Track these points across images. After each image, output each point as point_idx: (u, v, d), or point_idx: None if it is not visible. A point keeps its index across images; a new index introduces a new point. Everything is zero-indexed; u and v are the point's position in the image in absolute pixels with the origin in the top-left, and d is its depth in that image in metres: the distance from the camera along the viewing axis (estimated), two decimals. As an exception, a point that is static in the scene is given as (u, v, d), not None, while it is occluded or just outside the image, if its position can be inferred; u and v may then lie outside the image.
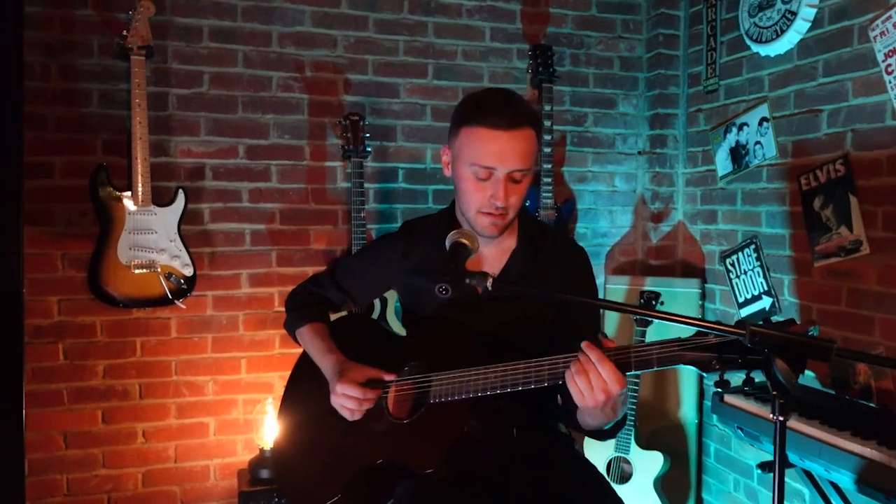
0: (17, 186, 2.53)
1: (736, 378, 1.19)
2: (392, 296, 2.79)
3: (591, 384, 1.27)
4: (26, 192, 2.64)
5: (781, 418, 1.05)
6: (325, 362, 1.63)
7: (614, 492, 1.55)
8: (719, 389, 1.12)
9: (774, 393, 1.05)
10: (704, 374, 1.19)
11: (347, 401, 1.50)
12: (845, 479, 2.00)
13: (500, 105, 1.47)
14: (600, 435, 1.53)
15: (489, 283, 1.29)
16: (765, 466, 2.27)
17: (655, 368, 1.26)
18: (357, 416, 1.52)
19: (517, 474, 1.54)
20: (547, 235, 1.66)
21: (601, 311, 1.70)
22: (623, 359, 1.29)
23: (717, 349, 1.16)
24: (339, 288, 1.78)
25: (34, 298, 2.67)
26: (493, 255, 1.62)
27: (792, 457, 2.20)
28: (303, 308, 1.78)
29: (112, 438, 2.78)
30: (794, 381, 1.02)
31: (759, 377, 1.14)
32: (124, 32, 2.63)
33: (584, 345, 1.29)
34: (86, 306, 2.71)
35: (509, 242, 1.61)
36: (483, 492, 1.51)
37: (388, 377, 1.53)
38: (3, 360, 2.35)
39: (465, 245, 1.40)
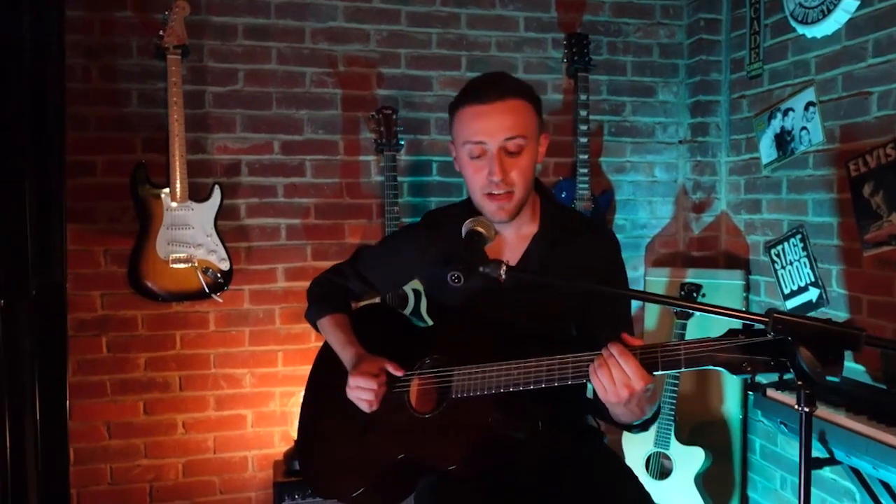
0: (59, 185, 2.61)
1: (768, 379, 1.13)
2: (426, 289, 2.78)
3: (613, 379, 1.24)
4: (70, 191, 2.72)
5: (807, 409, 0.99)
6: (345, 354, 1.62)
7: (643, 487, 1.50)
8: (750, 393, 1.06)
9: (800, 383, 1.00)
10: (734, 376, 1.14)
11: (362, 392, 1.49)
12: (894, 478, 1.90)
13: (484, 82, 1.50)
14: (630, 429, 1.49)
15: (503, 272, 1.26)
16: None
17: (684, 369, 1.21)
18: (374, 408, 1.51)
19: (542, 470, 1.50)
20: (572, 221, 1.62)
21: (638, 303, 1.64)
22: (650, 358, 1.25)
23: (747, 351, 1.10)
24: (360, 278, 1.77)
25: (78, 293, 2.75)
26: (514, 241, 1.59)
27: (838, 453, 2.11)
28: (324, 299, 1.78)
29: (153, 429, 2.85)
30: (818, 370, 0.96)
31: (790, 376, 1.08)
32: (161, 32, 2.69)
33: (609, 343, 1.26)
34: (127, 300, 2.78)
35: (530, 227, 1.58)
36: (507, 487, 1.49)
37: (398, 372, 1.51)
38: (48, 350, 2.43)
39: (480, 233, 1.38)
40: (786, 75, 2.84)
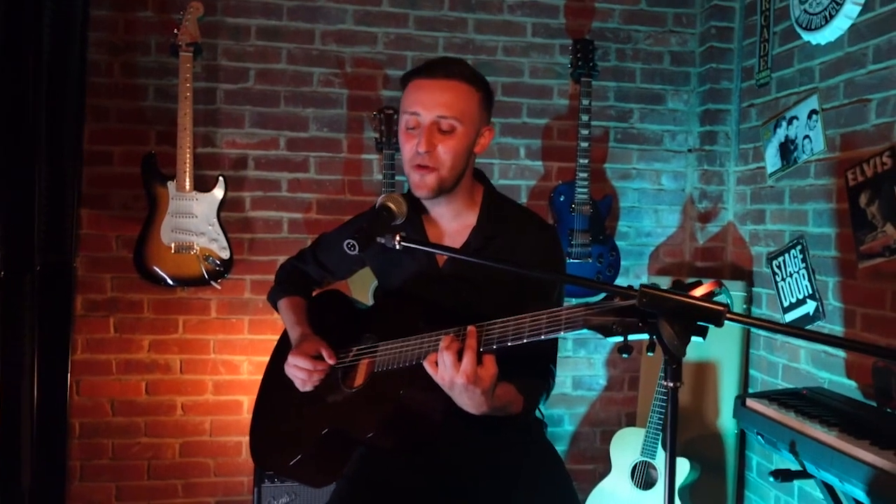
0: (75, 170, 2.79)
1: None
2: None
3: (436, 366, 1.31)
4: (88, 178, 2.91)
5: (671, 384, 0.99)
6: (293, 334, 1.70)
7: (568, 477, 1.50)
8: (625, 355, 1.07)
9: (666, 358, 1.00)
10: (606, 339, 1.14)
11: (297, 371, 1.55)
12: (858, 492, 1.83)
13: (438, 61, 1.55)
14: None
15: (397, 242, 1.30)
16: (779, 475, 2.12)
17: (563, 335, 1.22)
18: (308, 387, 1.57)
19: (464, 451, 1.52)
20: (512, 213, 1.64)
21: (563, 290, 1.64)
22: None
23: (618, 313, 1.11)
24: (318, 263, 1.84)
25: (91, 275, 2.91)
26: (454, 230, 1.62)
27: (809, 466, 2.04)
28: (285, 282, 1.86)
29: (154, 409, 2.97)
30: (676, 343, 0.96)
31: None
32: (175, 31, 2.83)
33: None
34: (135, 284, 2.92)
35: (470, 218, 1.61)
36: (431, 461, 1.52)
37: (331, 360, 1.56)
38: (51, 325, 2.58)
39: (389, 208, 1.42)
40: (792, 83, 2.78)
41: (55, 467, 2.69)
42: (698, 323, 0.97)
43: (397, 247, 1.31)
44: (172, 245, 2.81)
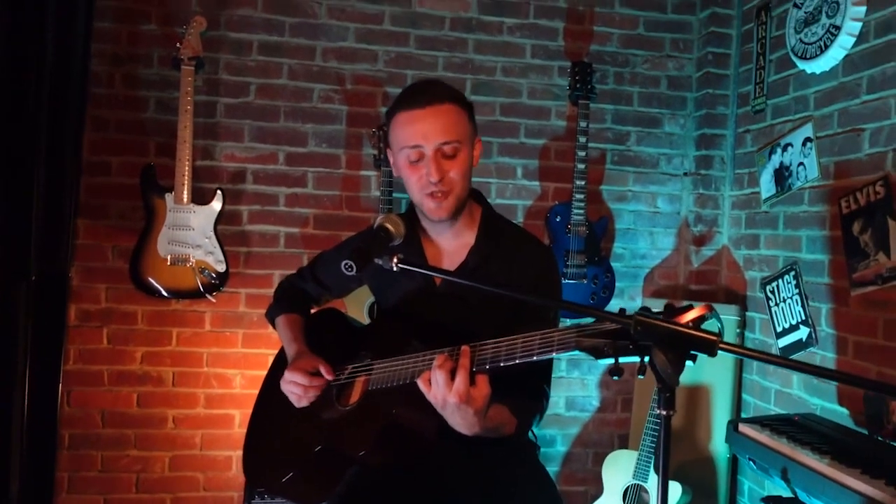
0: (73, 181, 2.79)
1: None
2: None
3: (429, 384, 1.31)
4: (86, 188, 2.91)
5: (664, 412, 1.00)
6: (289, 351, 1.70)
7: (556, 495, 1.50)
8: (615, 377, 1.07)
9: (659, 386, 1.01)
10: (598, 361, 1.15)
11: (293, 387, 1.55)
12: (848, 521, 1.84)
13: (416, 89, 1.54)
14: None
15: (394, 264, 1.31)
16: (770, 501, 2.12)
17: (554, 356, 1.22)
18: (304, 403, 1.57)
19: (457, 471, 1.52)
20: (510, 233, 1.65)
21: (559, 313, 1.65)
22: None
23: (610, 335, 1.12)
24: (316, 281, 1.85)
25: (86, 285, 2.90)
26: (453, 250, 1.63)
27: (801, 493, 2.05)
28: (283, 299, 1.87)
29: (145, 422, 2.96)
30: (669, 371, 0.97)
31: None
32: (178, 45, 2.85)
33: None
34: (129, 295, 2.91)
35: (468, 237, 1.62)
36: (423, 480, 1.51)
37: (329, 376, 1.56)
38: (45, 334, 2.57)
39: (387, 229, 1.43)
40: (787, 110, 2.82)
41: (43, 478, 2.67)
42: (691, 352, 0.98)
43: (394, 269, 1.31)
44: (169, 257, 2.81)
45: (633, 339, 1.06)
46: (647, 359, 1.04)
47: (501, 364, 1.28)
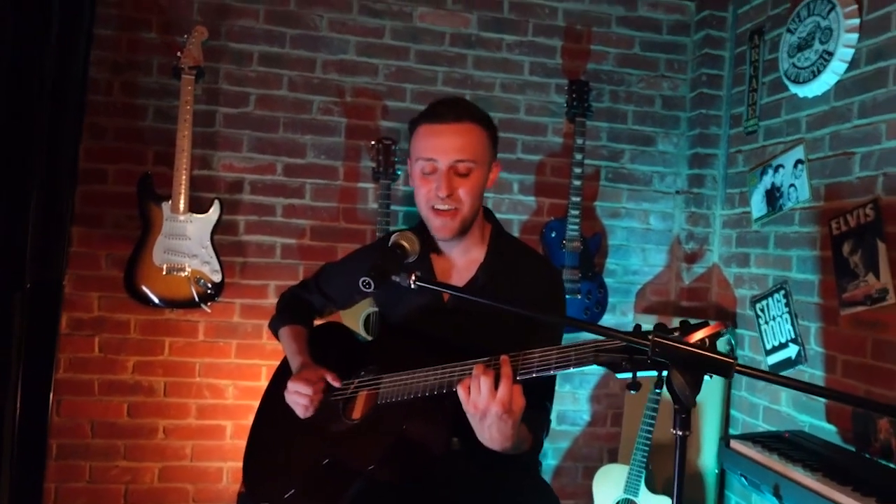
0: (69, 189, 2.78)
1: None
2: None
3: (469, 392, 1.29)
4: (81, 196, 2.89)
5: (680, 433, 1.02)
6: (294, 362, 1.70)
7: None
8: (633, 391, 1.10)
9: (676, 407, 1.03)
10: (617, 375, 1.17)
11: (298, 397, 1.56)
12: (841, 538, 1.87)
13: (443, 104, 1.56)
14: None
15: (412, 282, 1.32)
16: (762, 518, 2.15)
17: (572, 370, 1.25)
18: (309, 413, 1.57)
19: (465, 487, 1.54)
20: (519, 252, 1.67)
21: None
22: (526, 367, 1.29)
23: (628, 350, 1.14)
24: (321, 293, 1.86)
25: (78, 293, 2.87)
26: (462, 265, 1.65)
27: (792, 511, 2.08)
28: (287, 310, 1.88)
29: (135, 432, 2.93)
30: (688, 393, 0.99)
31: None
32: (178, 54, 2.85)
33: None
34: (123, 304, 2.89)
35: (478, 254, 1.64)
36: (430, 495, 1.52)
37: (335, 383, 1.57)
38: (38, 342, 2.55)
39: (403, 246, 1.45)
40: (779, 132, 2.88)
41: (32, 489, 2.64)
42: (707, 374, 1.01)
43: (412, 286, 1.33)
44: (164, 266, 2.80)
45: (650, 355, 1.09)
46: (664, 373, 1.06)
47: (534, 375, 1.29)
